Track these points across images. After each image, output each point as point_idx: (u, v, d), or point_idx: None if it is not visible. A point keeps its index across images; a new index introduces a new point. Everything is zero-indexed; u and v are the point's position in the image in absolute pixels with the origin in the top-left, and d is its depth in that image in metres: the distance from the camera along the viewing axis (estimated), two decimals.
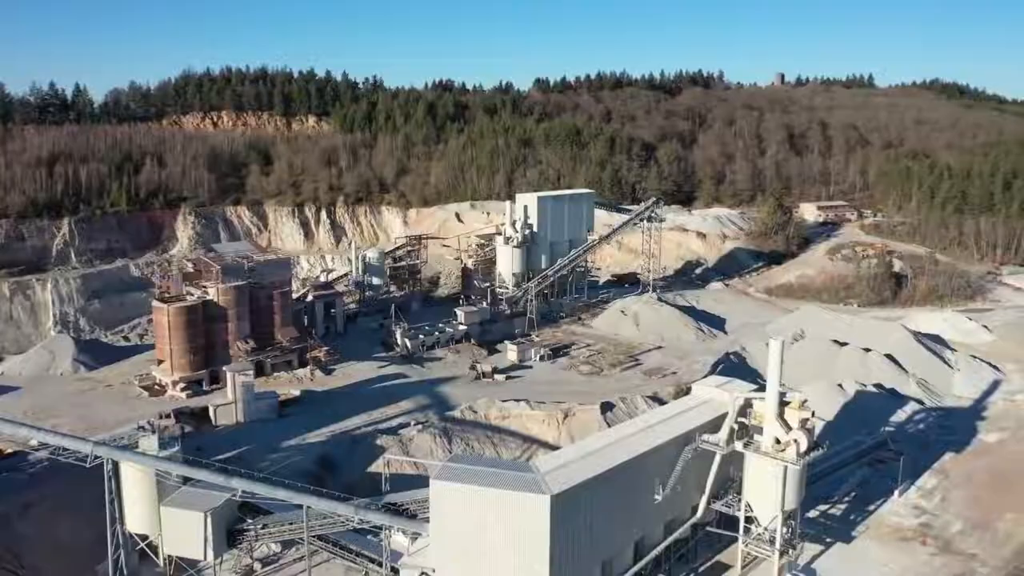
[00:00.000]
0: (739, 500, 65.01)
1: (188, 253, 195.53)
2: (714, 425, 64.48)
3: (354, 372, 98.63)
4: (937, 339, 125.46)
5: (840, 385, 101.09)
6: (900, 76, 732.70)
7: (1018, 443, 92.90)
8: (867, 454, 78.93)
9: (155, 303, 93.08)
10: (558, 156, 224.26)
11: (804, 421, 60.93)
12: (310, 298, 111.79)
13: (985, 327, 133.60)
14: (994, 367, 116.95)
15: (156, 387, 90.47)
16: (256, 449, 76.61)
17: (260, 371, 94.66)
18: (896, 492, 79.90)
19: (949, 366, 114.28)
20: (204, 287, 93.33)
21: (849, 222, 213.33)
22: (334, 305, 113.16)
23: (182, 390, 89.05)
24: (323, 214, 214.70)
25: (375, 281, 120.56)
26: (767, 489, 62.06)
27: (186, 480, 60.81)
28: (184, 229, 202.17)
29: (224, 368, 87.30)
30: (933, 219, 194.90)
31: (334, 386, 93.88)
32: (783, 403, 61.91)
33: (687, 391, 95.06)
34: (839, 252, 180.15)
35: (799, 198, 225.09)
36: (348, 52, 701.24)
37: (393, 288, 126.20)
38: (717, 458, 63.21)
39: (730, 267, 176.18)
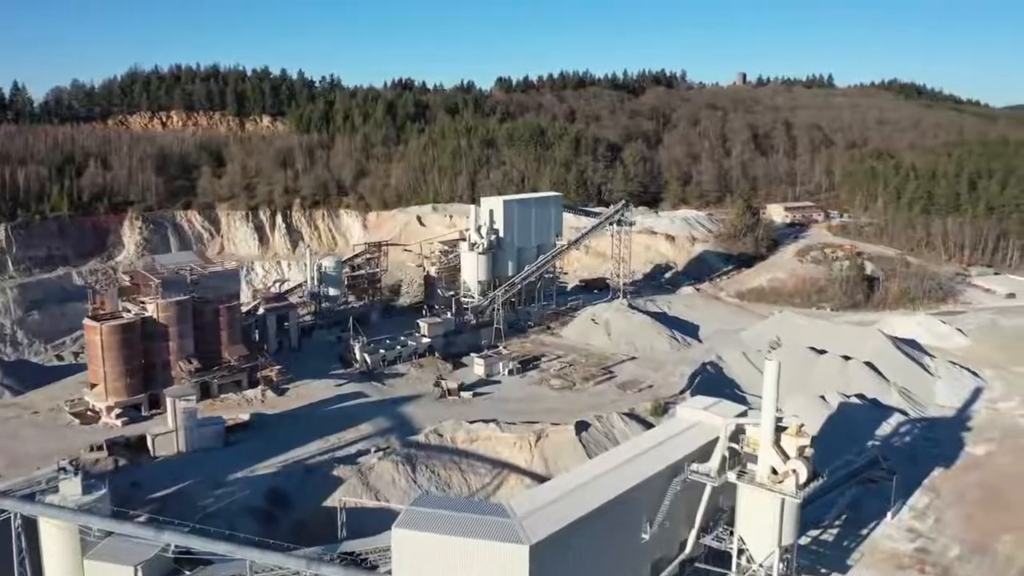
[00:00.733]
0: (731, 533, 59.78)
1: (135, 260, 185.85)
2: (703, 452, 59.14)
3: (309, 392, 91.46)
4: (913, 344, 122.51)
5: (823, 397, 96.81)
6: (859, 76, 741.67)
7: (1006, 455, 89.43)
8: (858, 474, 74.29)
9: (87, 322, 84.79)
10: (522, 157, 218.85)
11: (802, 448, 55.82)
12: (261, 311, 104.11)
13: (959, 331, 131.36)
14: (973, 373, 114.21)
15: (89, 414, 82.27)
16: (199, 484, 69.29)
17: (206, 393, 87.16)
18: (889, 514, 75.49)
19: (930, 373, 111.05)
20: (142, 303, 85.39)
21: (816, 223, 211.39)
22: (287, 318, 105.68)
23: (118, 417, 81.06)
24: (278, 218, 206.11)
25: (332, 292, 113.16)
26: (763, 523, 56.90)
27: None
28: (131, 235, 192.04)
29: (165, 392, 79.53)
30: (900, 220, 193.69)
31: (287, 408, 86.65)
32: (779, 428, 56.73)
33: (664, 407, 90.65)
34: (808, 254, 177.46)
35: (765, 199, 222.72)
36: (304, 50, 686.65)
37: (352, 298, 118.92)
38: (708, 489, 57.86)
39: (700, 270, 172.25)
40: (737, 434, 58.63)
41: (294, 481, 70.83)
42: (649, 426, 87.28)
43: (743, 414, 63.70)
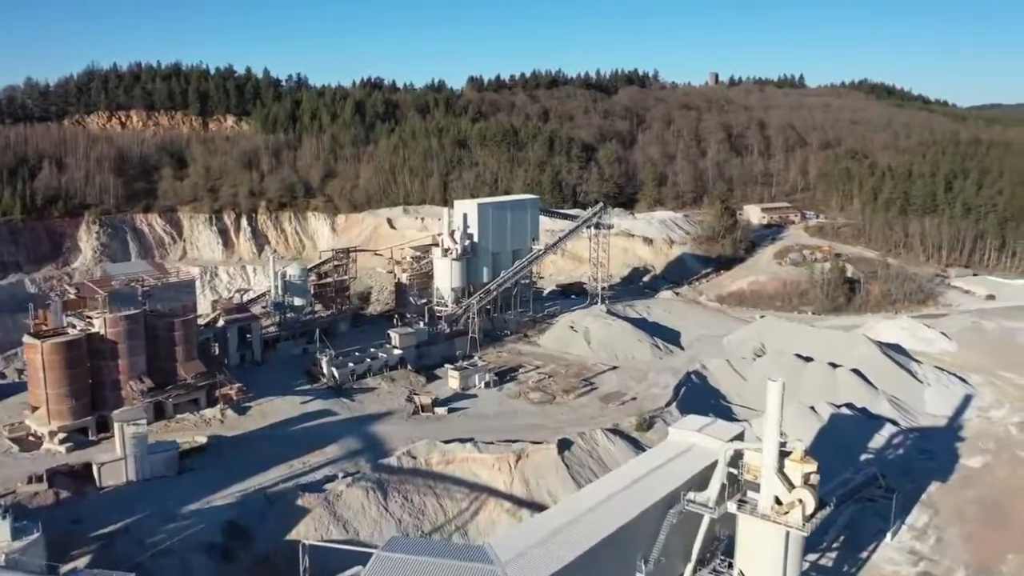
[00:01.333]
0: (729, 566, 55.30)
1: (92, 266, 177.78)
2: (700, 479, 54.57)
3: (273, 410, 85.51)
4: (898, 349, 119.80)
5: (813, 408, 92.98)
6: (829, 77, 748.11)
7: (1002, 468, 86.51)
8: (857, 493, 70.33)
9: (27, 339, 77.91)
10: (495, 158, 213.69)
11: (808, 476, 51.43)
12: (221, 323, 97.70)
13: (944, 335, 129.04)
14: (962, 379, 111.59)
15: (30, 439, 75.54)
16: (149, 518, 63.23)
17: (160, 414, 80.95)
18: (888, 534, 71.86)
19: (919, 381, 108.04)
20: (89, 317, 78.85)
21: (793, 224, 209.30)
22: (250, 330, 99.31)
23: (62, 442, 74.47)
24: (243, 221, 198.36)
25: (297, 301, 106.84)
26: (765, 556, 52.56)
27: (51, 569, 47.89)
28: (87, 239, 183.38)
29: (113, 415, 73.14)
30: (877, 221, 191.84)
31: (248, 429, 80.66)
32: (782, 453, 52.31)
33: (650, 422, 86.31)
34: (786, 256, 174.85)
35: (741, 200, 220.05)
36: (269, 47, 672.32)
37: (319, 308, 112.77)
38: (705, 520, 53.25)
39: (678, 273, 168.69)
40: (736, 459, 54.05)
41: (254, 512, 65.00)
42: (634, 442, 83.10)
43: (740, 435, 59.36)
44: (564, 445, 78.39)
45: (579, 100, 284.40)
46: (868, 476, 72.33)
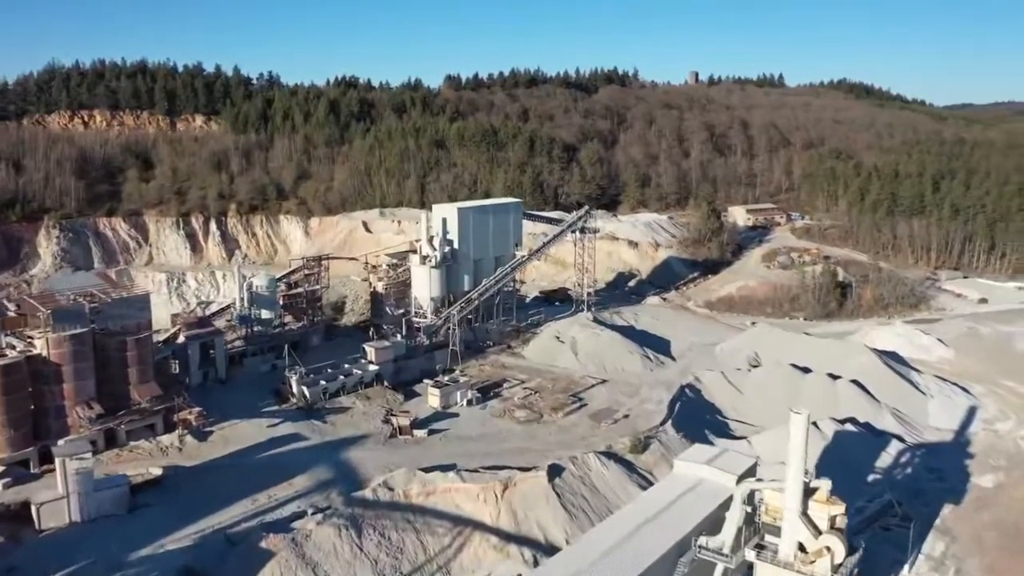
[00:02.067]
0: None
1: (52, 272, 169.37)
2: (713, 520, 48.70)
3: (236, 435, 78.60)
4: (895, 356, 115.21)
5: (816, 424, 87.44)
6: (808, 76, 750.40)
7: (1017, 487, 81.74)
8: (873, 522, 65.10)
9: None
10: (474, 159, 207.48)
11: (835, 519, 45.76)
12: (182, 339, 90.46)
13: (940, 341, 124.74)
14: (964, 389, 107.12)
15: None
16: (94, 565, 56.52)
17: (112, 441, 73.82)
18: (906, 566, 66.53)
19: (920, 392, 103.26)
20: (30, 337, 71.52)
21: (779, 225, 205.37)
22: (213, 346, 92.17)
23: None
24: (212, 225, 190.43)
25: (265, 314, 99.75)
26: None
27: None
28: (47, 245, 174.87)
29: (54, 449, 65.91)
30: (865, 222, 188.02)
31: (209, 457, 73.76)
32: (805, 491, 46.62)
33: (645, 443, 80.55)
34: (775, 259, 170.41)
35: (726, 201, 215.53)
36: (240, 44, 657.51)
37: (289, 319, 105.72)
38: (720, 569, 47.40)
39: (665, 278, 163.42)
40: (753, 497, 48.28)
41: (213, 557, 58.24)
42: (628, 466, 77.37)
43: (752, 467, 53.53)
44: (554, 471, 72.32)
45: (559, 99, 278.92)
46: (883, 504, 67.25)
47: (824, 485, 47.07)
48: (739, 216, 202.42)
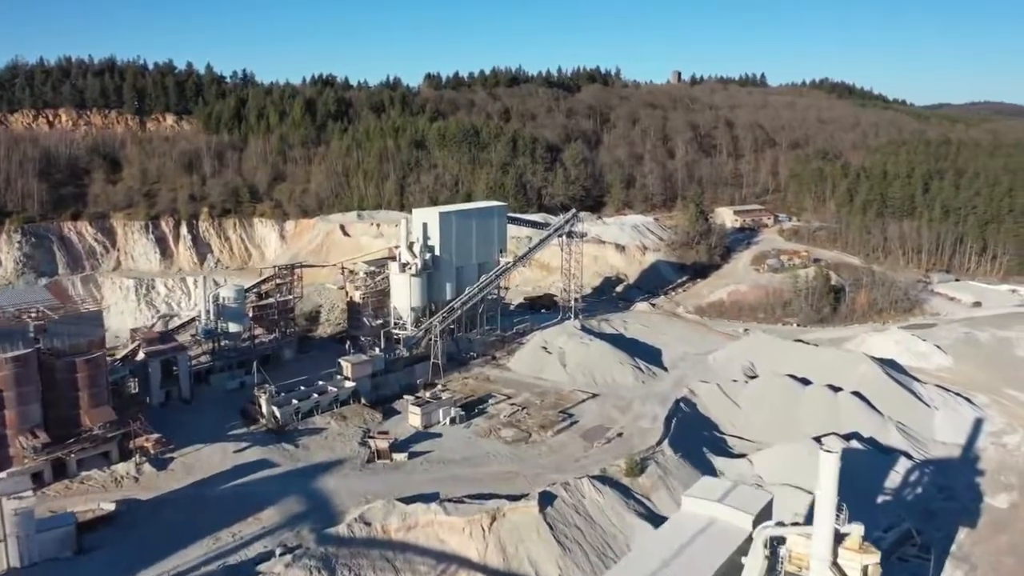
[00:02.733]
0: None
1: (15, 279, 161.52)
2: (728, 569, 43.37)
3: (200, 462, 72.35)
4: (893, 365, 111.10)
5: (820, 443, 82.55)
6: (790, 75, 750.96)
7: None
8: (891, 555, 60.23)
9: None
10: (455, 159, 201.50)
11: (867, 569, 40.64)
12: (142, 356, 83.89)
13: (939, 347, 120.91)
14: (967, 400, 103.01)
15: None
16: None
17: (61, 472, 67.36)
18: None
19: (925, 404, 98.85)
20: None
21: (766, 227, 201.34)
22: (176, 363, 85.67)
23: None
24: (183, 229, 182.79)
25: (232, 327, 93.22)
26: None
27: None
28: (8, 250, 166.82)
29: None
30: (854, 224, 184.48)
31: (169, 488, 67.46)
32: (837, 537, 41.45)
33: (642, 465, 75.19)
34: (764, 262, 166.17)
35: (712, 202, 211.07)
36: (212, 41, 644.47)
37: (259, 332, 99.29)
38: None
39: (652, 282, 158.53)
40: (773, 543, 43.06)
41: None
42: (625, 491, 72.02)
43: (769, 505, 48.35)
44: (546, 500, 66.82)
45: (541, 98, 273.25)
46: (901, 533, 62.66)
47: (856, 531, 41.94)
48: (726, 217, 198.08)
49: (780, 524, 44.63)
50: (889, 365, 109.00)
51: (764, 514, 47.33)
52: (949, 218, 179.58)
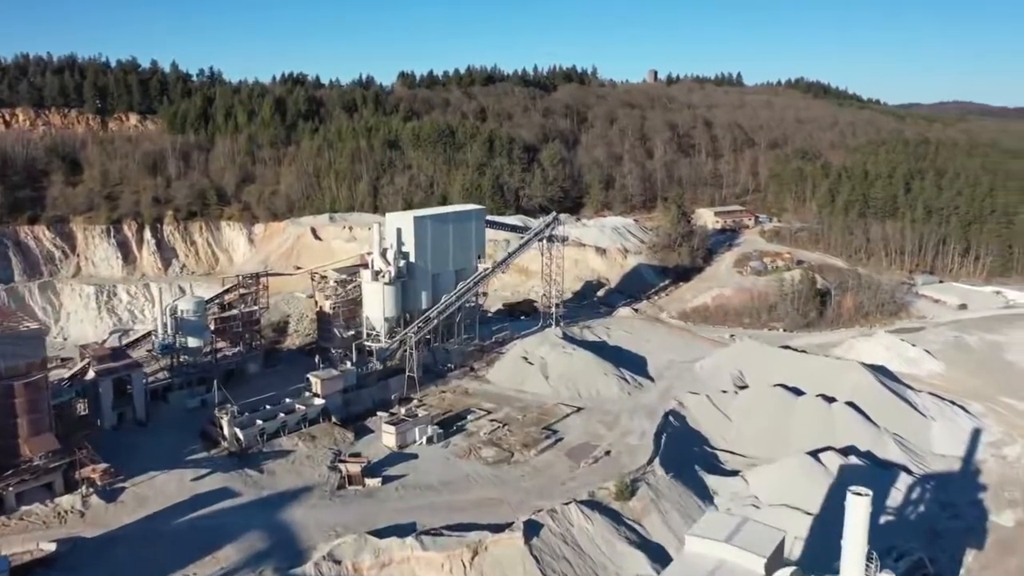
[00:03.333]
0: None
1: None
2: None
3: (154, 492, 66.47)
4: (884, 371, 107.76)
5: (818, 458, 78.75)
6: (765, 75, 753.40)
7: None
8: None
9: None
10: (430, 160, 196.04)
11: None
12: (92, 375, 77.64)
13: (928, 352, 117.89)
14: (962, 408, 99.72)
15: None
16: None
17: None
18: None
19: (921, 414, 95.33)
20: None
21: (747, 228, 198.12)
22: (130, 381, 79.46)
23: None
24: (147, 233, 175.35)
25: (192, 342, 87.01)
26: None
27: None
28: None
29: None
30: (836, 224, 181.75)
31: (118, 524, 61.57)
32: None
33: (632, 488, 70.50)
34: (747, 264, 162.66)
35: (692, 202, 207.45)
36: (178, 38, 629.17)
37: (223, 345, 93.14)
38: None
39: (634, 286, 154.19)
40: None
41: None
42: (615, 516, 67.34)
43: (781, 545, 43.76)
44: (532, 530, 61.90)
45: (517, 97, 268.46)
46: (912, 562, 58.28)
47: None
48: (708, 219, 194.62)
49: (795, 568, 40.02)
50: (880, 372, 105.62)
51: (776, 556, 42.78)
52: (932, 218, 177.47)
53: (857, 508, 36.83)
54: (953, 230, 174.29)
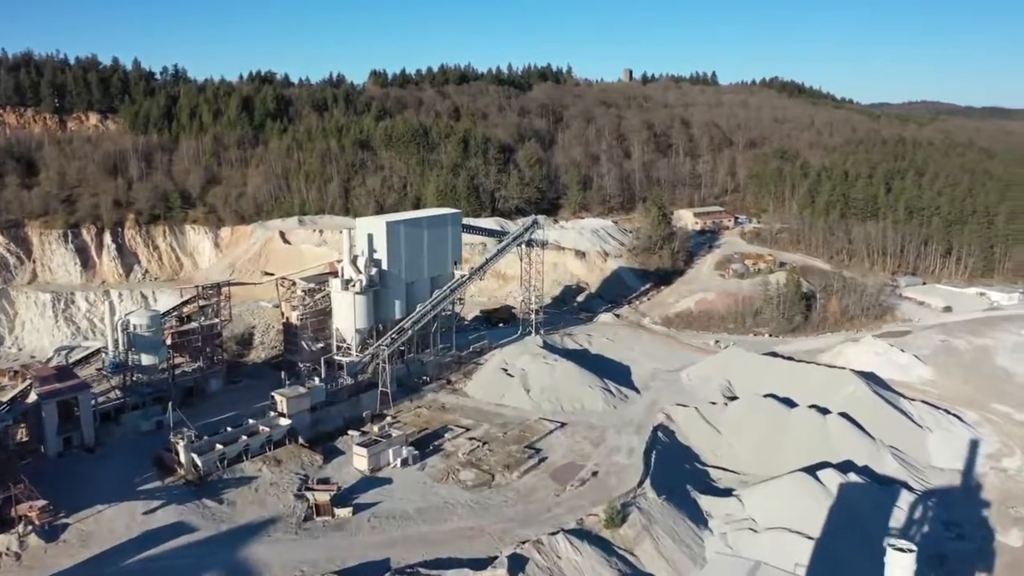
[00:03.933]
0: None
1: None
2: None
3: (100, 530, 60.39)
4: (874, 378, 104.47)
5: (815, 476, 74.54)
6: (739, 74, 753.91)
7: None
8: None
9: None
10: (403, 160, 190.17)
11: None
12: (33, 397, 71.21)
13: (917, 358, 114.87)
14: (957, 417, 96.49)
15: None
16: None
17: None
18: None
19: (917, 425, 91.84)
20: None
21: (727, 229, 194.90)
22: (77, 403, 73.09)
23: None
24: (107, 237, 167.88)
25: (146, 359, 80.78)
26: None
27: None
28: None
29: None
30: (817, 225, 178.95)
31: (58, 568, 55.52)
32: None
33: (623, 514, 65.66)
34: (728, 267, 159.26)
35: (671, 203, 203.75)
36: (141, 34, 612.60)
37: (181, 361, 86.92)
38: None
39: (615, 290, 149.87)
40: None
41: None
42: (605, 546, 62.59)
43: None
44: (516, 565, 56.98)
45: (492, 96, 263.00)
46: None
47: None
48: (688, 220, 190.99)
49: None
50: (870, 379, 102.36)
51: None
52: (913, 219, 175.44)
53: (899, 566, 32.37)
54: (935, 231, 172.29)
